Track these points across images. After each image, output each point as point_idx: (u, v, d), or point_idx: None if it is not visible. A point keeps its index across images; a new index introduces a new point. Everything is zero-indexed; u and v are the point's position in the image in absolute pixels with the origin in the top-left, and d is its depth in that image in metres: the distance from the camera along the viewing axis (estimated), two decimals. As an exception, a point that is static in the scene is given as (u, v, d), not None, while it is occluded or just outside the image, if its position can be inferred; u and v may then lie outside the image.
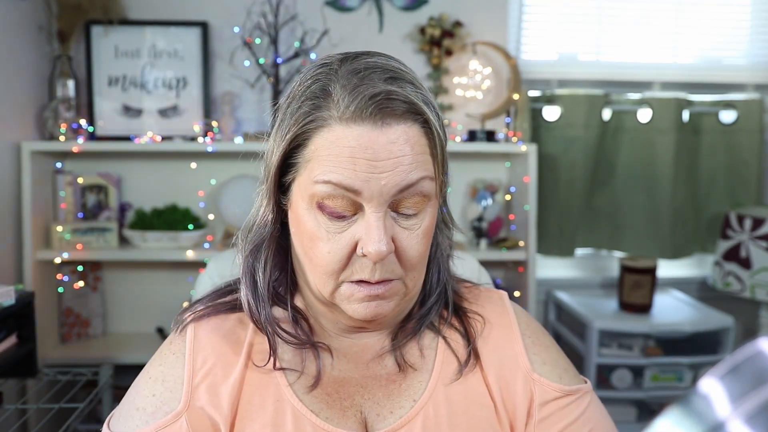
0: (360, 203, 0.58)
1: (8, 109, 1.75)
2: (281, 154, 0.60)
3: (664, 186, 2.14)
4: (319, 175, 0.57)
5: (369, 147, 0.56)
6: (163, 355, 0.66)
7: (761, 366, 0.25)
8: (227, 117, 1.98)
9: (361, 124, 0.56)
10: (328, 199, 0.57)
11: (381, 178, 0.56)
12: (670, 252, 2.15)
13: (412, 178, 0.57)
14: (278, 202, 0.64)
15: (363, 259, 0.58)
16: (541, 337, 0.71)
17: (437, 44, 2.04)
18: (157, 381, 0.63)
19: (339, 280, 0.60)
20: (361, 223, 0.58)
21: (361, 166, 0.56)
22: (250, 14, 1.99)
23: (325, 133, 0.57)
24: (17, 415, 1.68)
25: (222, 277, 0.97)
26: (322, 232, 0.59)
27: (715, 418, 0.25)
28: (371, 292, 0.59)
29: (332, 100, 0.57)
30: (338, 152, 0.56)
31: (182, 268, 2.06)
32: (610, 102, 2.16)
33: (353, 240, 0.58)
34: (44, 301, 1.85)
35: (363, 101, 0.56)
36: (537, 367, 0.67)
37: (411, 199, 0.59)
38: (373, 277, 0.59)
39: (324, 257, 0.59)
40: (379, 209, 0.57)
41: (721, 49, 2.29)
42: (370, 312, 0.60)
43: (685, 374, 1.92)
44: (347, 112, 0.56)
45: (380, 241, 0.57)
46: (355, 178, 0.56)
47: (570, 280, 2.30)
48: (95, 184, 1.97)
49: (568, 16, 2.22)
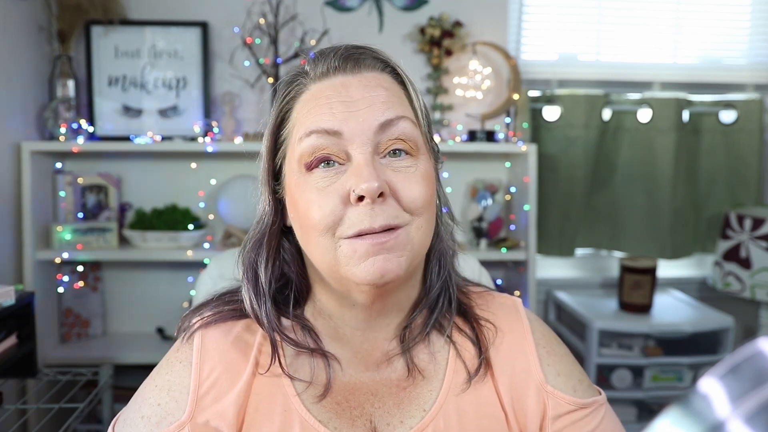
0: (345, 151, 0.57)
1: (8, 109, 1.75)
2: (270, 134, 0.62)
3: (664, 186, 2.14)
4: (302, 130, 0.58)
5: (342, 91, 0.58)
6: (170, 363, 0.65)
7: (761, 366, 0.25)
8: (227, 117, 1.98)
9: (333, 77, 0.59)
10: (314, 153, 0.57)
11: (359, 115, 0.57)
12: (670, 252, 2.15)
13: (390, 115, 0.58)
14: (274, 191, 0.64)
15: (359, 207, 0.55)
16: (556, 347, 0.69)
17: (437, 44, 2.04)
18: (163, 390, 0.62)
19: (336, 238, 0.57)
20: (349, 171, 0.57)
21: (338, 107, 0.57)
22: (250, 14, 1.99)
23: (304, 96, 0.60)
24: (17, 415, 1.68)
25: (222, 276, 0.97)
26: (312, 191, 0.57)
27: (715, 417, 0.25)
28: (374, 240, 0.55)
29: (306, 72, 0.62)
30: (316, 103, 0.58)
31: (182, 268, 2.06)
32: (610, 102, 2.16)
33: (344, 189, 0.56)
34: (44, 301, 1.85)
35: (331, 56, 0.60)
36: (551, 379, 0.65)
37: (394, 141, 0.58)
38: (374, 223, 0.55)
39: (316, 213, 0.57)
40: (364, 148, 0.56)
41: (721, 49, 2.29)
42: (378, 268, 0.55)
43: (685, 374, 1.92)
44: (319, 69, 0.60)
45: (370, 176, 0.54)
46: (334, 120, 0.57)
47: (570, 280, 2.31)
48: (95, 184, 1.97)
49: (568, 16, 2.22)
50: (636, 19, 2.24)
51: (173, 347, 0.67)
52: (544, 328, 0.71)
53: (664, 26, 2.25)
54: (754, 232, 1.95)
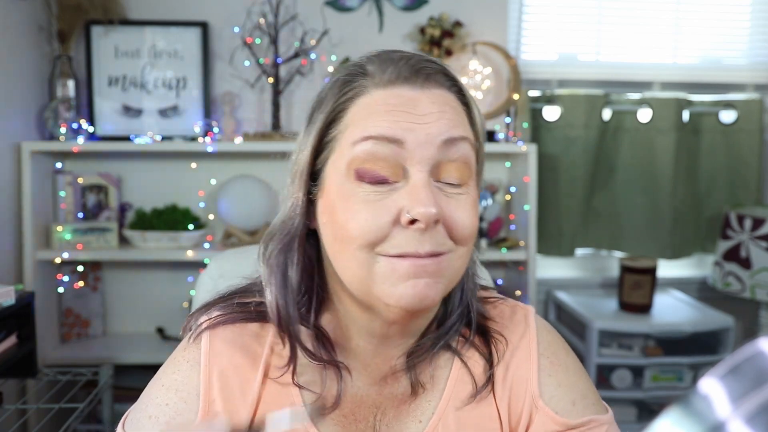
0: (402, 167, 0.54)
1: (8, 109, 1.75)
2: (317, 132, 0.57)
3: (664, 186, 2.14)
4: (358, 133, 0.54)
5: (409, 104, 0.55)
6: (177, 362, 0.62)
7: (761, 366, 0.25)
8: (227, 117, 1.98)
9: (399, 87, 0.55)
10: (368, 161, 0.53)
11: (425, 128, 0.54)
12: (670, 252, 2.15)
13: (455, 133, 0.55)
14: (308, 192, 0.60)
15: (408, 230, 0.53)
16: (562, 356, 0.65)
17: (437, 44, 2.04)
18: (170, 390, 0.60)
19: (375, 253, 0.54)
20: (405, 189, 0.53)
21: (402, 116, 0.54)
22: (250, 14, 1.99)
23: (363, 99, 0.56)
24: (17, 415, 1.68)
25: (222, 276, 0.97)
26: (359, 203, 0.54)
27: (716, 418, 0.25)
28: (419, 262, 0.53)
29: (368, 73, 0.57)
30: (380, 109, 0.54)
31: (182, 268, 2.05)
32: (610, 102, 2.16)
33: (396, 208, 0.53)
34: (44, 301, 1.85)
35: (401, 65, 0.56)
36: (548, 391, 0.62)
37: (454, 164, 0.55)
38: (421, 248, 0.53)
39: (360, 226, 0.53)
40: (423, 167, 0.53)
41: (721, 49, 2.29)
42: (419, 293, 0.53)
43: (685, 374, 1.92)
44: (385, 76, 0.56)
45: (428, 200, 0.52)
46: (397, 128, 0.53)
47: (570, 280, 2.31)
48: (95, 184, 1.97)
49: (568, 16, 2.22)
50: (636, 19, 2.24)
51: (180, 346, 0.65)
52: (552, 338, 0.67)
53: (664, 26, 2.25)
54: (754, 232, 1.95)
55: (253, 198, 1.95)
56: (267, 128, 2.03)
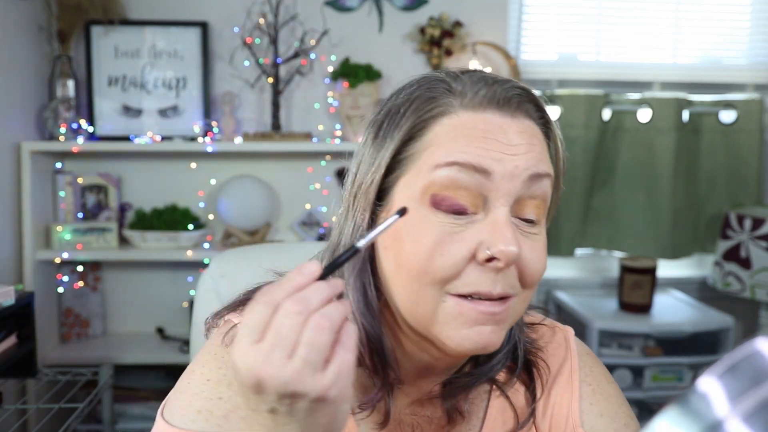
0: (484, 197, 0.50)
1: (8, 109, 1.75)
2: (393, 150, 0.53)
3: (663, 186, 2.14)
4: (441, 157, 0.50)
5: (499, 132, 0.51)
6: (220, 358, 0.57)
7: (759, 365, 0.25)
8: (227, 117, 1.98)
9: (489, 112, 0.52)
10: (448, 188, 0.50)
11: (515, 159, 0.50)
12: (670, 252, 2.15)
13: (542, 169, 0.52)
14: (373, 212, 0.55)
15: (482, 268, 0.50)
16: (604, 384, 0.63)
17: (437, 44, 2.04)
18: (221, 384, 0.55)
19: (444, 291, 0.51)
20: (484, 223, 0.50)
21: (493, 145, 0.50)
22: (250, 14, 1.99)
23: (448, 119, 0.52)
24: (17, 415, 1.68)
25: (223, 276, 0.97)
26: (433, 232, 0.50)
27: (714, 416, 0.25)
28: (489, 309, 0.50)
29: (454, 91, 0.53)
30: (467, 133, 0.51)
31: (182, 268, 2.06)
32: (610, 102, 2.16)
33: (474, 242, 0.50)
34: (44, 301, 1.85)
35: (494, 88, 0.52)
36: (590, 420, 0.59)
37: (534, 201, 0.52)
38: (494, 289, 0.50)
39: (433, 262, 0.50)
40: (507, 201, 0.50)
41: (721, 49, 2.29)
42: (483, 341, 0.51)
43: (685, 374, 1.92)
44: (476, 98, 0.52)
45: (512, 239, 0.49)
46: (487, 156, 0.50)
47: (570, 280, 2.30)
48: (95, 184, 1.97)
49: (568, 16, 2.22)
50: (636, 19, 2.24)
51: (212, 343, 0.60)
52: (594, 363, 0.65)
53: (664, 26, 2.25)
54: (754, 232, 1.95)
55: (253, 198, 1.95)
56: (267, 128, 2.03)
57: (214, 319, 0.64)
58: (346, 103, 1.96)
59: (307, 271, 0.43)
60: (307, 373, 0.40)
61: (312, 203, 2.09)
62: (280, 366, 0.40)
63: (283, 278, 0.44)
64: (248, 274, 0.80)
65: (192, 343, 0.93)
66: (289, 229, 2.10)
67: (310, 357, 0.40)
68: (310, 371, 0.40)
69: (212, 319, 0.64)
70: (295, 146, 1.89)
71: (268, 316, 0.41)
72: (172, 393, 0.57)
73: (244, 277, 0.92)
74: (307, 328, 0.40)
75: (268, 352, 0.40)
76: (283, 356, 0.40)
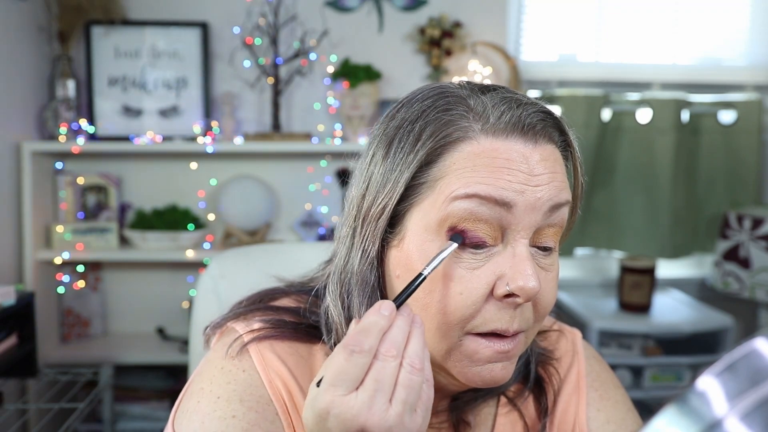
0: (503, 229, 0.49)
1: (8, 109, 1.75)
2: (407, 178, 0.49)
3: (663, 186, 2.14)
4: (460, 188, 0.47)
5: (522, 162, 0.48)
6: (228, 372, 0.55)
7: (758, 364, 0.25)
8: (227, 117, 1.98)
9: (511, 139, 0.49)
10: (467, 220, 0.48)
11: (537, 190, 0.48)
12: (669, 252, 2.15)
13: (562, 198, 0.50)
14: (383, 240, 0.53)
15: (500, 304, 0.49)
16: (611, 390, 0.63)
17: (437, 45, 2.04)
18: (232, 401, 0.52)
19: (464, 332, 0.49)
20: (504, 256, 0.49)
21: (516, 176, 0.48)
22: (250, 14, 2.00)
23: (466, 146, 0.49)
24: (17, 415, 1.69)
25: (223, 276, 0.97)
26: (452, 267, 0.48)
27: (712, 415, 0.25)
28: (502, 348, 0.49)
29: (473, 111, 0.50)
30: (488, 162, 0.48)
31: (182, 268, 2.06)
32: (610, 102, 2.17)
33: (494, 276, 0.48)
34: (44, 301, 1.85)
35: (519, 112, 0.49)
36: (596, 426, 0.59)
37: (552, 229, 0.51)
38: (511, 326, 0.49)
39: (453, 301, 0.48)
40: (527, 234, 0.49)
41: (721, 49, 2.29)
42: (495, 376, 0.50)
43: (685, 374, 1.92)
44: (499, 123, 0.49)
45: (534, 276, 0.47)
46: (509, 189, 0.47)
47: (569, 280, 2.31)
48: (95, 184, 1.97)
49: (568, 17, 2.22)
50: (636, 19, 2.24)
51: (217, 356, 0.57)
52: (601, 368, 0.64)
53: (664, 26, 2.25)
54: (753, 232, 1.95)
55: (253, 198, 1.96)
56: (267, 128, 2.03)
57: (214, 329, 0.63)
58: (346, 104, 1.96)
59: (386, 312, 0.44)
60: (407, 416, 0.41)
61: (312, 203, 2.09)
62: (383, 411, 0.40)
63: (362, 322, 0.44)
64: (248, 275, 0.80)
65: (192, 344, 0.93)
66: (289, 229, 2.10)
67: (408, 399, 0.41)
68: (408, 413, 0.41)
69: (212, 329, 0.63)
70: (295, 146, 1.89)
71: (365, 364, 0.41)
72: (182, 414, 0.54)
73: (244, 278, 0.93)
74: (403, 370, 0.41)
75: (370, 400, 0.41)
76: (385, 401, 0.41)
